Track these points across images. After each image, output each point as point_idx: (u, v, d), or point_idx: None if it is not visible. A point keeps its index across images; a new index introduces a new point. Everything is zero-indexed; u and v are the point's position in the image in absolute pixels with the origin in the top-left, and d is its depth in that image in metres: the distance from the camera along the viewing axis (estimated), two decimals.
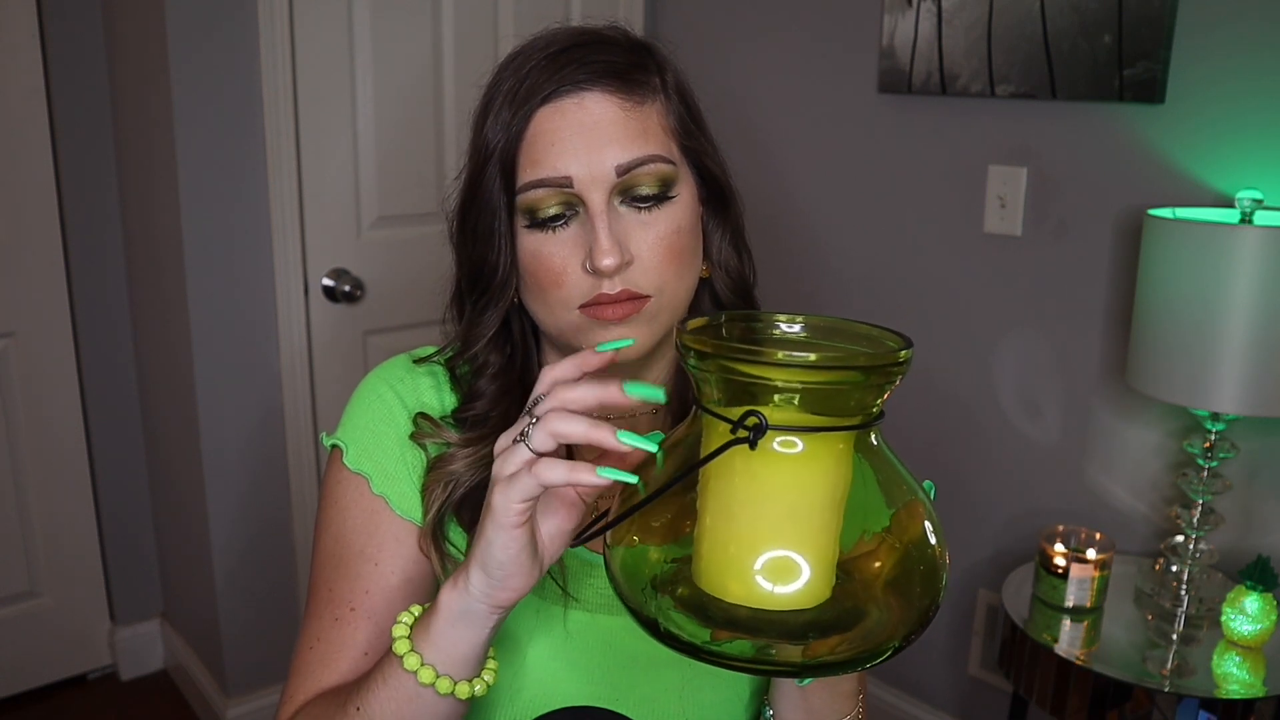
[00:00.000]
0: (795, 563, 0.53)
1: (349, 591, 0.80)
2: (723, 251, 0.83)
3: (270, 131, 1.92)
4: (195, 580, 2.18)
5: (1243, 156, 1.57)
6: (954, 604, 2.06)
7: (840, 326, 0.60)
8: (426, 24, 2.10)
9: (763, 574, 0.53)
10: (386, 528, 0.81)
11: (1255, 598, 1.46)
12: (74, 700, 2.33)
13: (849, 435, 0.54)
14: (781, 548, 0.53)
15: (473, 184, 0.79)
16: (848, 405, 0.54)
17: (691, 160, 0.80)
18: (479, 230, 0.78)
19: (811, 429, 0.53)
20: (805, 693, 0.72)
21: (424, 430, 0.82)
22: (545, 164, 0.74)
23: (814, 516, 0.54)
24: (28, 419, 2.18)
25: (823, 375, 0.52)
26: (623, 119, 0.75)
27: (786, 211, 2.23)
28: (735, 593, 0.53)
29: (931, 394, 2.03)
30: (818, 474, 0.54)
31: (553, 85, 0.74)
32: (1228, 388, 1.41)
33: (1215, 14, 1.57)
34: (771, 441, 0.53)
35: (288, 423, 2.06)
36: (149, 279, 2.15)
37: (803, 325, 0.62)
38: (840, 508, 0.55)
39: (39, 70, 2.05)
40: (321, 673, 0.78)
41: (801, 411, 0.53)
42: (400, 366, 0.86)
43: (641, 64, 0.78)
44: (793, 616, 0.54)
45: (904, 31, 1.93)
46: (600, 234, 0.73)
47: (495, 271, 0.78)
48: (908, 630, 0.55)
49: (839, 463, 0.54)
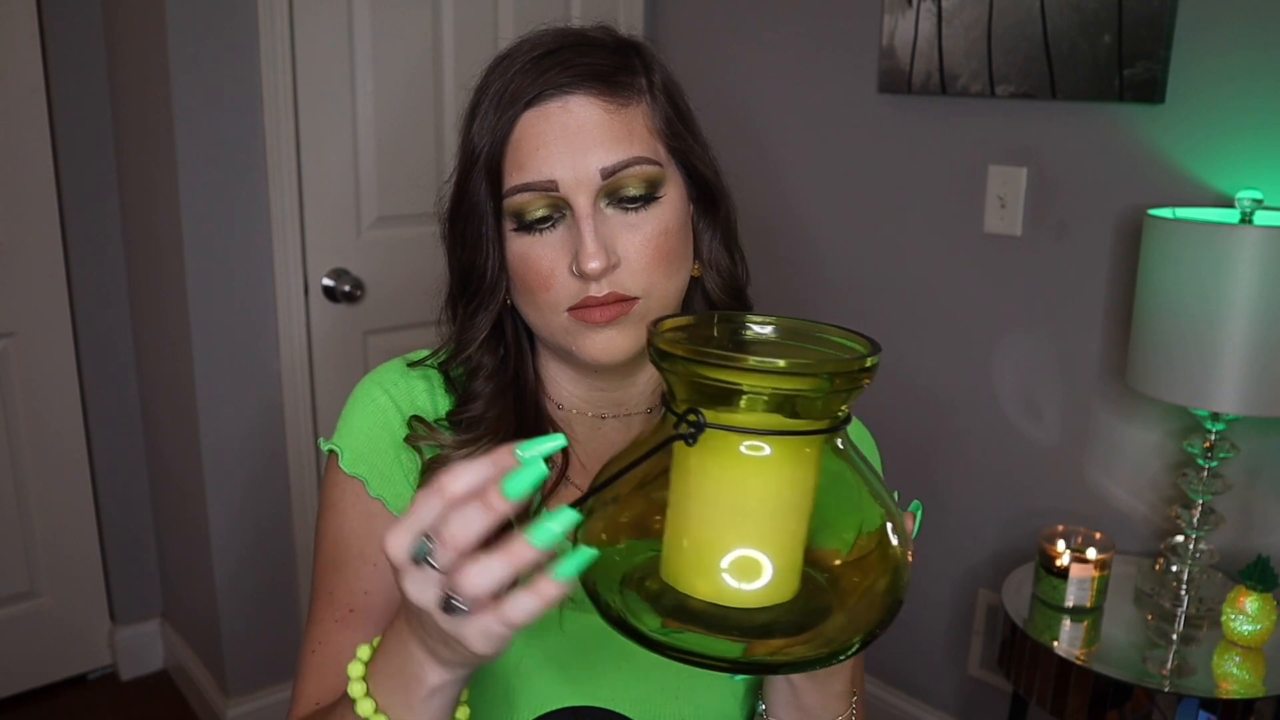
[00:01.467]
0: (760, 561, 0.54)
1: (348, 594, 0.80)
2: (714, 251, 0.83)
3: (270, 131, 1.92)
4: (195, 580, 2.18)
5: (1243, 156, 1.57)
6: (954, 604, 2.06)
7: (811, 330, 0.61)
8: (426, 24, 2.10)
9: (729, 572, 0.54)
10: (384, 529, 0.81)
11: (1255, 598, 1.46)
12: (74, 700, 2.33)
13: (816, 438, 0.55)
14: (747, 547, 0.54)
15: (461, 188, 0.79)
16: (814, 409, 0.54)
17: (679, 160, 0.80)
18: (467, 234, 0.79)
19: (752, 431, 0.53)
20: (796, 691, 0.72)
21: (418, 433, 0.82)
22: (530, 168, 0.74)
23: (778, 517, 0.54)
24: (28, 419, 2.18)
25: (784, 381, 0.52)
26: (607, 121, 0.75)
27: (786, 211, 2.23)
28: (702, 590, 0.54)
29: (931, 394, 2.03)
30: (783, 475, 0.54)
31: (537, 89, 0.75)
32: (1228, 388, 1.41)
33: (1215, 14, 1.57)
34: (740, 444, 0.53)
35: (288, 423, 2.06)
36: (149, 279, 2.15)
37: (774, 328, 0.62)
38: (806, 509, 0.55)
39: (39, 70, 2.05)
40: (324, 674, 0.79)
41: (769, 414, 0.53)
42: (394, 370, 0.86)
43: (626, 65, 0.78)
44: (758, 615, 0.54)
45: (904, 31, 1.93)
46: (586, 237, 0.73)
47: (484, 275, 0.79)
48: (870, 628, 0.56)
49: (804, 464, 0.55)
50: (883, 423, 2.07)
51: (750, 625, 0.54)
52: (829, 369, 0.53)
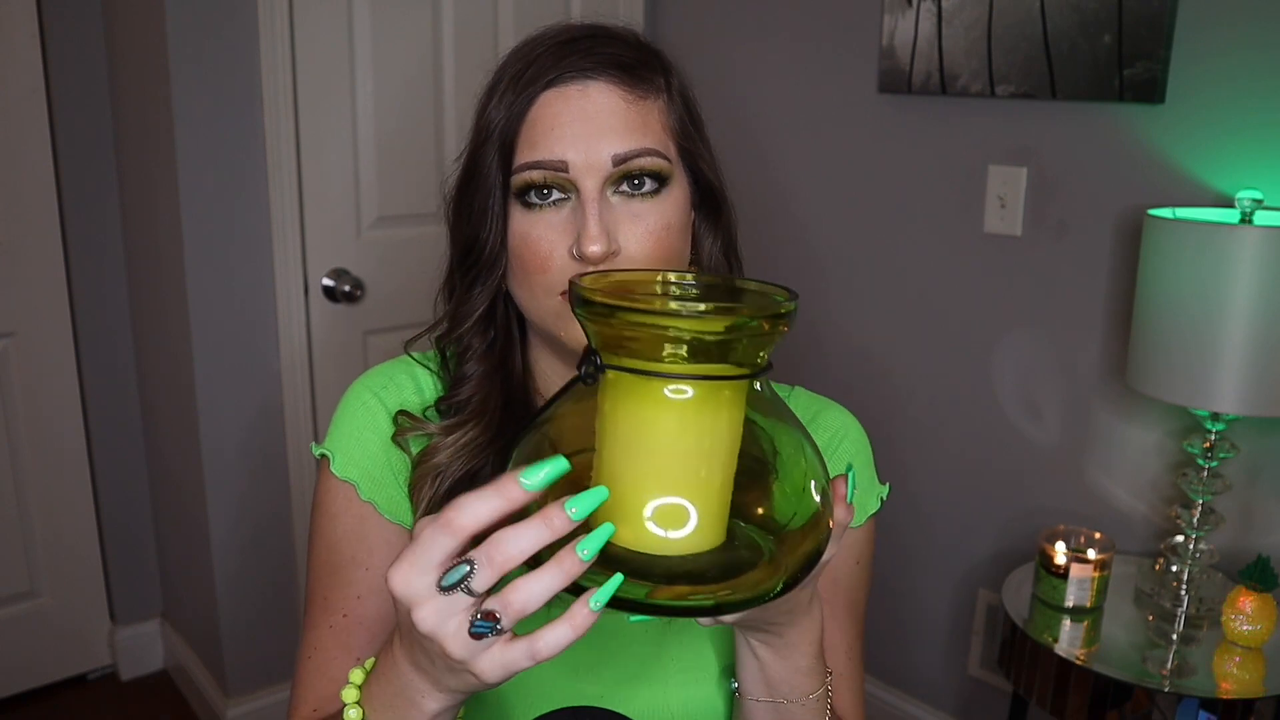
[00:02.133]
0: (681, 508, 0.54)
1: (342, 599, 0.80)
2: (714, 258, 0.85)
3: (270, 131, 1.92)
4: (195, 580, 2.18)
5: (1243, 156, 1.57)
6: (954, 604, 2.06)
7: (732, 283, 0.63)
8: (426, 24, 2.10)
9: (652, 519, 0.54)
10: (376, 533, 0.82)
11: (1255, 598, 1.46)
12: (74, 700, 2.33)
13: (737, 385, 0.56)
14: (666, 494, 0.54)
15: (472, 162, 0.80)
16: (733, 356, 0.55)
17: (687, 163, 0.81)
18: (474, 207, 0.79)
19: (659, 374, 0.54)
20: (762, 664, 0.72)
21: (404, 427, 0.83)
22: (543, 147, 0.75)
23: (695, 463, 0.55)
24: (28, 419, 2.18)
25: (687, 323, 0.53)
26: (624, 110, 0.76)
27: (785, 211, 2.23)
28: (626, 537, 0.55)
29: (931, 394, 2.03)
30: (702, 422, 0.55)
31: (558, 70, 0.75)
32: (1228, 388, 1.41)
33: (1215, 14, 1.57)
34: (663, 389, 0.54)
35: (288, 422, 2.06)
36: (149, 279, 2.15)
37: (695, 281, 0.64)
38: (725, 457, 0.56)
39: (39, 70, 2.05)
40: (319, 681, 0.79)
41: (693, 363, 0.54)
42: (381, 373, 0.87)
43: (648, 62, 0.79)
44: (680, 563, 0.55)
45: (904, 31, 1.93)
46: (590, 221, 0.74)
47: (485, 248, 0.79)
48: (788, 576, 0.57)
49: (721, 411, 0.55)
50: (882, 422, 2.08)
51: (672, 572, 0.55)
52: (736, 313, 0.54)
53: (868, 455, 0.91)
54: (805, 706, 0.73)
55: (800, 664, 0.72)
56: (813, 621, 0.70)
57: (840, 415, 0.91)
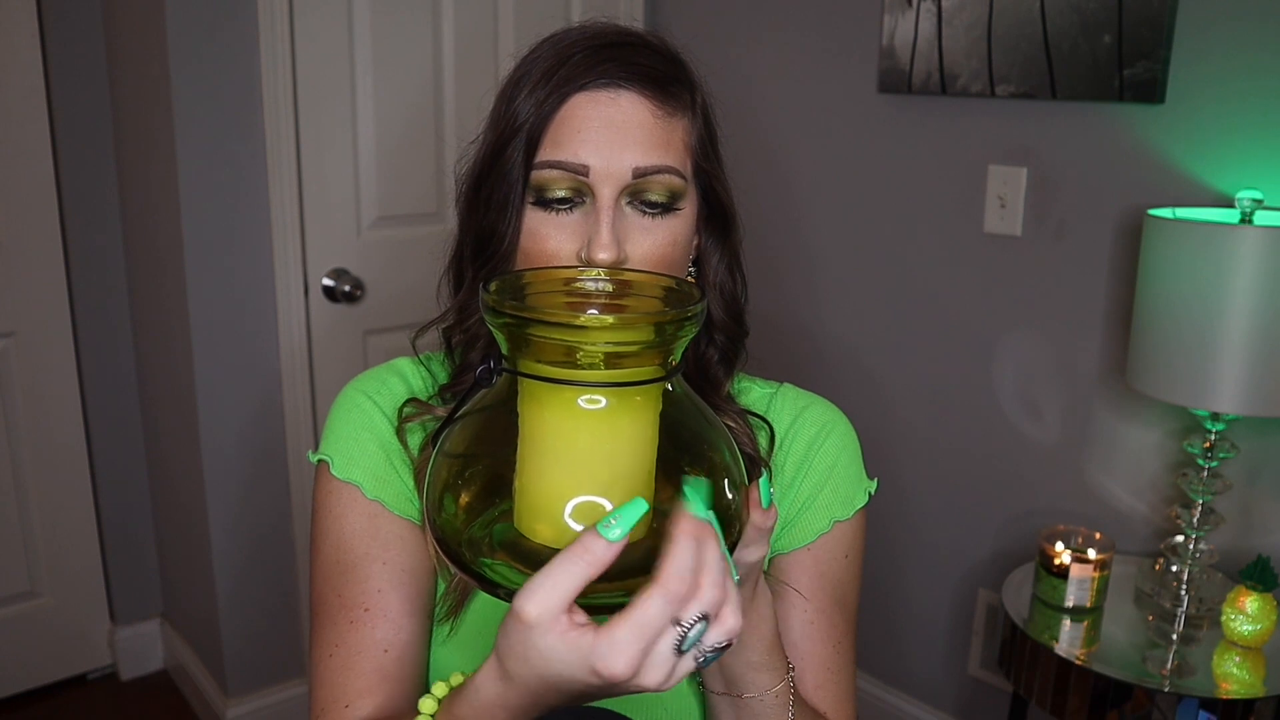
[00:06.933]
0: (600, 507, 0.56)
1: (360, 593, 0.80)
2: (719, 273, 0.86)
3: (270, 131, 1.92)
4: (195, 580, 2.18)
5: (1243, 156, 1.57)
6: (954, 604, 2.06)
7: (640, 281, 0.65)
8: (427, 24, 2.10)
9: (571, 517, 0.56)
10: (388, 528, 0.82)
11: (1255, 598, 1.46)
12: (74, 700, 2.33)
13: (649, 387, 0.57)
14: (587, 493, 0.56)
15: (494, 154, 0.80)
16: (643, 360, 0.56)
17: (701, 181, 0.82)
18: (493, 199, 0.80)
19: (561, 381, 0.55)
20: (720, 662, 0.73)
21: (410, 415, 0.84)
22: (567, 148, 0.76)
23: (611, 464, 0.56)
24: (28, 419, 2.18)
25: (602, 335, 0.54)
26: (651, 124, 0.77)
27: (785, 211, 2.23)
28: (545, 535, 0.56)
29: (931, 394, 2.03)
30: (616, 424, 0.56)
31: (593, 75, 0.76)
32: (1228, 388, 1.41)
33: (1215, 14, 1.57)
34: (579, 396, 0.55)
35: (288, 422, 2.06)
36: (149, 279, 2.15)
37: (608, 278, 0.66)
38: (638, 456, 0.57)
39: (39, 70, 2.05)
40: (345, 677, 0.78)
41: (603, 369, 0.56)
42: (371, 377, 0.88)
43: (679, 78, 0.80)
44: None
45: (904, 31, 1.93)
46: (603, 227, 0.75)
47: (503, 241, 0.80)
48: None
49: (634, 413, 0.57)
50: (882, 421, 2.08)
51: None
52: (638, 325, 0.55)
53: (855, 450, 0.91)
54: (763, 701, 0.74)
55: (751, 659, 0.73)
56: (759, 618, 0.71)
57: (826, 410, 0.91)
